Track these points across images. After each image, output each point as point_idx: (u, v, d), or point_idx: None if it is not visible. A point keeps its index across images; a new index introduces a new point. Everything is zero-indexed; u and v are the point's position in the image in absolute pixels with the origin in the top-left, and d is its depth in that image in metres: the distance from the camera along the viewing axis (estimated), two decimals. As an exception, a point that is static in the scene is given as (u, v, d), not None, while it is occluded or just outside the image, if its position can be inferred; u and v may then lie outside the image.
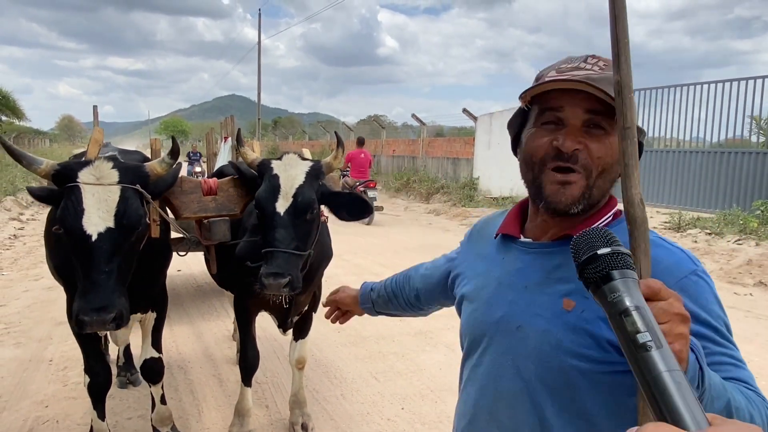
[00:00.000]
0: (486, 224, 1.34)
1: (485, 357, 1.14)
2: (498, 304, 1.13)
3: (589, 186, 1.06)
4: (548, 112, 1.08)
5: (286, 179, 2.40)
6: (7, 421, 3.33)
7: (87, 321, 1.95)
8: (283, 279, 2.25)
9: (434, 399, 3.66)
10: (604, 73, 1.04)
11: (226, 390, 3.80)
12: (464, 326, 1.23)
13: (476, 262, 1.26)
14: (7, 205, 12.41)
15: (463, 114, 15.61)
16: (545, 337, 1.04)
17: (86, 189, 2.05)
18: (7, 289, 6.49)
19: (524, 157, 1.14)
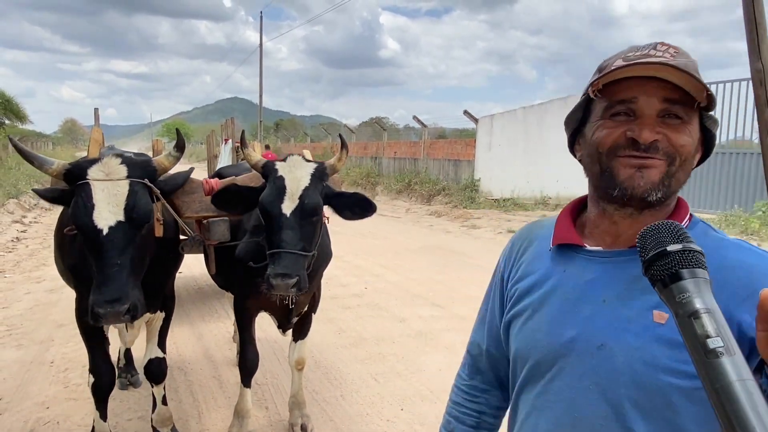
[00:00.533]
0: (528, 235, 1.20)
1: (556, 382, 1.01)
2: (568, 322, 1.00)
3: (669, 174, 0.97)
4: (619, 104, 0.99)
5: (292, 181, 2.41)
6: (9, 422, 3.34)
7: (101, 313, 1.98)
8: (291, 279, 2.27)
9: (433, 400, 3.67)
10: (677, 60, 0.94)
11: (226, 391, 3.81)
12: (520, 350, 1.08)
13: (527, 278, 1.11)
14: (9, 207, 12.45)
15: (465, 116, 15.62)
16: (637, 355, 0.93)
17: (96, 185, 2.10)
18: (9, 291, 6.52)
19: (590, 150, 1.04)
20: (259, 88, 36.45)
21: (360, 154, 22.34)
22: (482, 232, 11.38)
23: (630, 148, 0.97)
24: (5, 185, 14.07)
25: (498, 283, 1.22)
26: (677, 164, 0.97)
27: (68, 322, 5.13)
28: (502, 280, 1.20)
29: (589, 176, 1.06)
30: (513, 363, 1.12)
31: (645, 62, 0.94)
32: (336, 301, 5.97)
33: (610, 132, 1.00)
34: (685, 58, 0.96)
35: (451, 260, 8.41)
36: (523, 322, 1.09)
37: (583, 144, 1.08)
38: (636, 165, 0.97)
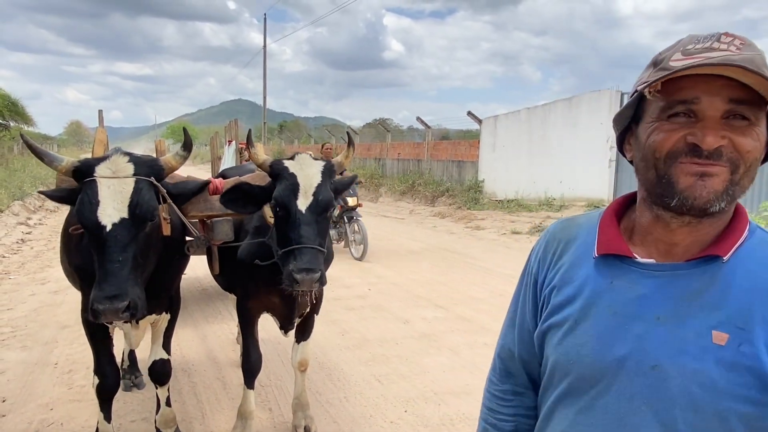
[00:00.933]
0: (564, 236, 1.11)
1: (602, 400, 0.95)
2: (618, 339, 0.94)
3: (732, 182, 0.89)
4: (678, 105, 0.90)
5: (304, 178, 2.43)
6: (13, 423, 3.35)
7: (100, 309, 1.99)
8: (315, 274, 2.29)
9: (437, 402, 3.66)
10: (743, 53, 0.85)
11: (229, 393, 3.81)
12: (561, 362, 1.01)
13: (569, 285, 1.03)
14: (15, 209, 12.50)
15: (468, 117, 15.61)
16: (695, 378, 0.87)
17: (102, 182, 2.11)
18: (14, 292, 6.54)
19: (644, 154, 0.95)
20: (263, 89, 36.52)
21: (363, 156, 22.35)
22: (486, 234, 11.36)
23: (690, 155, 0.89)
24: (10, 187, 14.14)
25: (530, 285, 1.14)
26: (741, 171, 0.90)
27: (72, 323, 5.15)
28: (536, 283, 1.12)
29: (643, 181, 0.98)
30: (550, 372, 1.05)
31: (709, 63, 0.85)
32: (339, 303, 5.97)
33: (669, 136, 0.91)
34: (752, 50, 0.86)
35: (455, 261, 8.40)
36: (564, 334, 1.01)
37: (636, 146, 0.99)
38: (697, 172, 0.89)
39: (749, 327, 0.87)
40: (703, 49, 0.87)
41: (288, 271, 2.30)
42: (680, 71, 0.86)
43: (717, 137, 0.87)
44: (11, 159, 24.29)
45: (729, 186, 0.89)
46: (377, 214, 15.04)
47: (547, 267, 1.10)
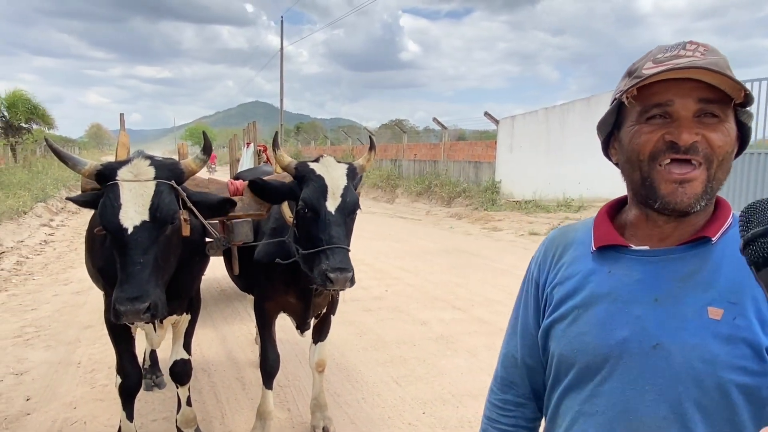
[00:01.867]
0: (562, 240, 1.18)
1: (607, 385, 0.99)
2: (619, 323, 0.99)
3: (710, 179, 0.97)
4: (654, 108, 0.98)
5: (331, 180, 2.48)
6: (37, 422, 3.41)
7: (122, 310, 2.02)
8: (349, 273, 2.34)
9: (455, 404, 3.65)
10: (707, 58, 0.94)
11: (248, 393, 3.84)
12: (565, 354, 1.05)
13: (569, 281, 1.09)
14: (38, 211, 12.74)
15: (485, 117, 15.54)
16: (696, 353, 0.92)
17: (124, 185, 2.15)
18: (37, 293, 6.66)
19: (628, 157, 1.03)
20: (280, 92, 36.75)
21: (380, 157, 22.36)
22: (503, 235, 11.30)
23: (670, 152, 0.97)
24: (33, 189, 14.40)
25: (532, 290, 1.19)
26: (715, 165, 0.97)
27: (95, 323, 5.23)
28: (537, 286, 1.18)
29: (629, 182, 1.06)
30: (555, 368, 1.09)
31: (677, 68, 0.93)
32: (356, 304, 5.98)
33: (649, 137, 0.99)
34: (715, 55, 0.95)
35: (472, 263, 8.36)
36: (567, 326, 1.06)
37: (620, 149, 1.07)
38: (677, 180, 0.97)
39: (741, 301, 0.93)
40: (671, 57, 0.96)
41: (321, 270, 2.34)
42: (652, 77, 0.95)
43: (691, 134, 0.95)
44: (34, 161, 24.76)
45: (707, 184, 0.97)
46: (393, 215, 15.04)
47: (547, 269, 1.16)
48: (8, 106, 26.46)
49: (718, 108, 0.96)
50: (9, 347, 4.74)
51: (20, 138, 27.18)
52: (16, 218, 10.98)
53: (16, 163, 23.58)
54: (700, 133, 0.96)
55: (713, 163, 0.97)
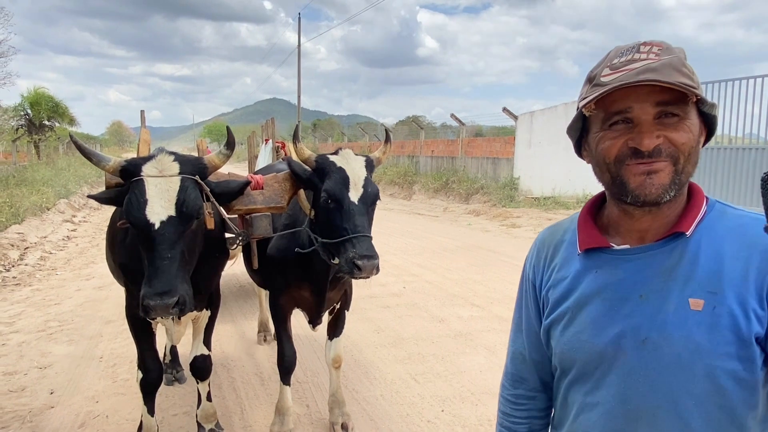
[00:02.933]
0: (551, 241, 1.22)
1: (606, 379, 1.05)
2: (610, 321, 1.05)
3: (677, 171, 1.01)
4: (615, 115, 1.02)
5: (352, 171, 2.53)
6: (61, 414, 3.46)
7: (151, 305, 2.03)
8: (376, 260, 2.39)
9: (474, 402, 3.62)
10: (661, 59, 0.97)
11: (267, 389, 3.85)
12: (566, 352, 1.12)
13: (561, 282, 1.15)
14: (60, 207, 12.95)
15: (504, 113, 15.41)
16: (681, 344, 0.97)
17: (149, 181, 2.16)
18: (60, 288, 6.77)
19: (597, 161, 1.08)
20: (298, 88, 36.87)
21: (397, 153, 22.32)
22: (522, 231, 11.20)
23: (635, 157, 1.01)
24: (56, 186, 14.64)
25: (530, 290, 1.25)
26: (682, 161, 1.01)
27: (116, 318, 5.30)
28: (534, 287, 1.24)
29: (601, 182, 1.11)
30: (559, 364, 1.16)
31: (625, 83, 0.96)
32: (374, 301, 5.97)
33: (613, 143, 1.03)
34: (670, 54, 0.98)
35: (491, 260, 8.31)
36: (563, 327, 1.12)
37: (589, 153, 1.12)
38: (644, 171, 1.00)
39: (720, 290, 0.97)
40: (626, 62, 1.00)
41: (348, 258, 2.38)
42: (606, 92, 0.99)
43: (652, 138, 0.99)
44: (57, 159, 25.19)
45: (675, 176, 1.00)
46: (411, 212, 15.01)
47: (541, 271, 1.22)
48: (31, 105, 26.94)
49: (676, 108, 0.99)
50: (33, 341, 4.82)
51: (43, 135, 27.68)
52: (39, 214, 11.18)
53: (40, 160, 24.02)
54: (661, 134, 0.99)
55: (680, 159, 1.00)
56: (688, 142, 1.00)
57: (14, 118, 26.14)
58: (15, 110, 26.14)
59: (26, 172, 16.95)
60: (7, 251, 8.09)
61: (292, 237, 2.82)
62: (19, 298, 6.30)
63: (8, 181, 14.73)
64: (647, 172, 1.00)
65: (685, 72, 0.97)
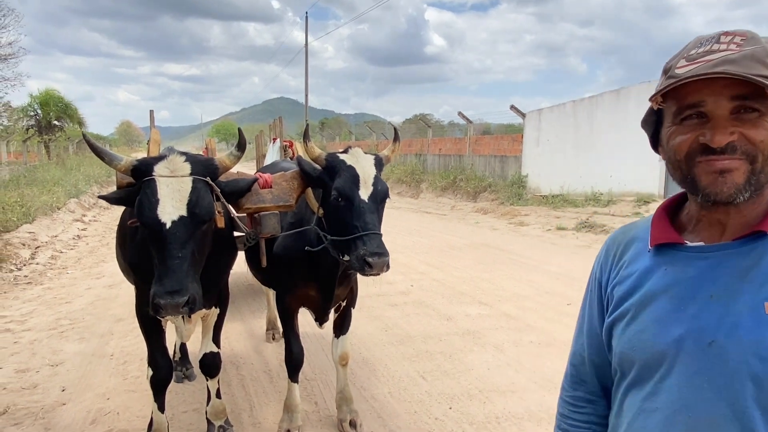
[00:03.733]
0: (623, 238, 1.17)
1: (666, 383, 0.98)
2: (675, 321, 0.98)
3: (754, 171, 0.94)
4: (688, 109, 0.97)
5: (362, 169, 2.56)
6: (72, 411, 3.50)
7: (162, 304, 2.06)
8: (387, 257, 2.41)
9: (482, 400, 3.62)
10: (743, 50, 0.91)
11: (276, 386, 3.88)
12: (626, 352, 1.06)
13: (627, 280, 1.09)
14: (71, 207, 13.06)
15: (512, 111, 15.37)
16: (752, 349, 0.90)
17: (161, 181, 2.19)
18: (71, 286, 6.84)
19: (668, 157, 1.03)
20: (305, 87, 36.93)
21: (404, 152, 22.31)
22: (530, 230, 11.18)
23: (705, 153, 0.95)
24: (66, 185, 14.76)
25: (595, 289, 1.20)
26: (760, 160, 0.93)
27: (126, 316, 5.34)
28: (600, 285, 1.18)
29: (675, 181, 1.06)
30: (619, 365, 1.10)
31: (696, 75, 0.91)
32: (382, 299, 5.98)
33: (684, 139, 0.98)
34: (754, 44, 0.92)
35: (498, 258, 8.30)
36: (626, 324, 1.06)
37: (662, 149, 1.07)
38: (718, 169, 0.94)
39: None
40: (703, 53, 0.94)
41: (359, 255, 2.40)
42: (677, 83, 0.94)
43: (725, 135, 0.92)
44: (66, 158, 25.39)
45: (751, 176, 0.94)
46: (418, 210, 15.01)
47: (609, 268, 1.16)
48: (41, 105, 27.17)
49: (757, 102, 0.92)
50: (45, 339, 4.87)
51: (53, 136, 27.91)
52: (50, 214, 11.28)
53: (50, 160, 24.22)
54: (736, 131, 0.93)
55: (758, 157, 0.93)
56: (766, 140, 0.93)
57: (24, 119, 26.37)
58: (24, 110, 26.38)
59: (37, 172, 17.10)
60: (18, 250, 8.18)
61: (298, 236, 2.84)
62: (31, 296, 6.37)
63: (19, 180, 14.87)
64: (719, 171, 0.94)
65: (755, 75, 0.89)
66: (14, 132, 23.82)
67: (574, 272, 7.21)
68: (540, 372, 4.05)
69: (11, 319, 5.43)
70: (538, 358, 4.31)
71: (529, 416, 3.40)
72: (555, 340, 4.64)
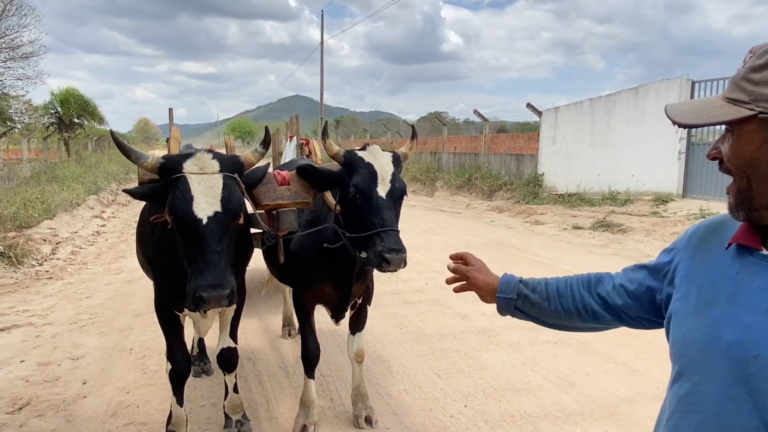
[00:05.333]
0: (711, 229, 1.15)
1: (704, 386, 0.99)
2: (729, 327, 0.97)
3: (740, 191, 0.98)
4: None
5: (380, 166, 2.58)
6: (93, 404, 3.57)
7: (205, 297, 2.11)
8: (404, 254, 2.43)
9: (498, 398, 3.62)
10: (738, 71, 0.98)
11: (292, 381, 3.91)
12: (677, 347, 1.07)
13: (697, 274, 1.09)
14: (90, 203, 13.25)
15: (528, 109, 15.28)
16: None
17: (192, 178, 2.24)
18: (91, 282, 6.94)
19: None
20: (320, 85, 37.03)
21: (419, 150, 22.28)
22: (546, 228, 11.11)
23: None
24: (86, 182, 14.98)
25: (665, 262, 1.23)
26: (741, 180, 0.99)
27: (145, 311, 5.42)
28: (670, 262, 1.20)
29: None
30: (672, 355, 1.11)
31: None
32: (397, 297, 6.00)
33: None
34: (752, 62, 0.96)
35: (514, 257, 8.27)
36: (683, 319, 1.07)
37: None
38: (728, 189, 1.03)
39: None
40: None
41: (377, 251, 2.42)
42: None
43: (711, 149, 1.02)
44: (86, 156, 25.75)
45: (737, 197, 1.00)
46: (433, 209, 14.99)
47: (681, 253, 1.18)
48: (61, 103, 27.59)
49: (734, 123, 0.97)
50: (66, 333, 4.96)
51: (73, 133, 28.34)
52: (70, 210, 11.45)
53: (69, 158, 24.59)
54: (717, 146, 1.01)
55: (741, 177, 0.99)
56: (732, 159, 0.97)
57: (45, 116, 26.81)
58: (45, 108, 26.81)
59: (57, 169, 17.38)
60: (39, 246, 8.32)
61: (316, 233, 2.86)
62: (52, 291, 6.49)
63: (40, 177, 15.13)
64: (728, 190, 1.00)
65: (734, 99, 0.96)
66: (35, 129, 24.22)
67: (591, 272, 7.15)
68: (556, 371, 4.03)
69: (33, 314, 5.54)
70: (554, 357, 4.29)
71: (544, 415, 3.39)
72: (571, 340, 4.61)
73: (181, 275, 2.41)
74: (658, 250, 1.36)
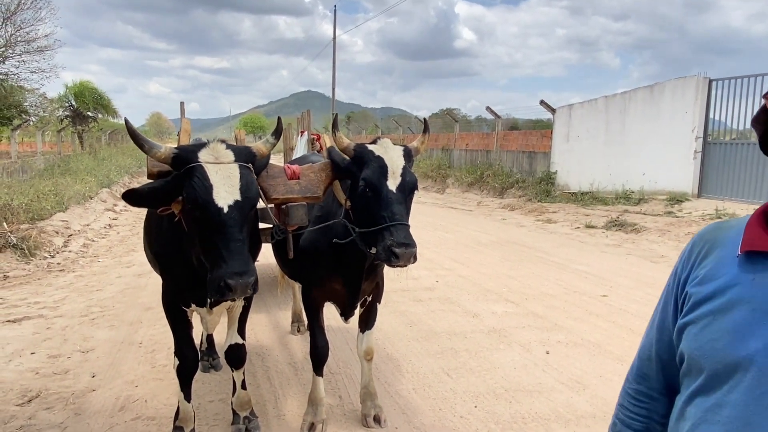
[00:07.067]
0: (711, 238, 1.11)
1: (732, 396, 0.95)
2: (753, 335, 0.93)
3: None
4: None
5: (390, 160, 2.54)
6: (102, 397, 3.57)
7: (232, 285, 2.09)
8: (414, 248, 2.39)
9: (508, 399, 3.57)
10: None
11: (300, 379, 3.89)
12: (694, 357, 1.02)
13: (707, 282, 1.05)
14: (102, 196, 13.34)
15: (541, 106, 15.13)
16: None
17: (209, 167, 2.22)
18: (102, 275, 6.98)
19: None
20: (332, 81, 37.00)
21: (431, 146, 22.18)
22: (558, 227, 11.01)
23: None
24: (99, 175, 15.08)
25: (673, 285, 1.16)
26: None
27: (155, 305, 5.42)
28: (678, 282, 1.13)
29: None
30: (685, 369, 1.06)
31: None
32: (407, 294, 5.95)
33: None
34: None
35: (525, 255, 8.19)
36: (701, 329, 1.02)
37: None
38: None
39: None
40: None
41: (386, 245, 2.38)
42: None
43: None
44: (99, 149, 25.93)
45: None
46: (444, 206, 14.92)
47: (691, 266, 1.11)
48: (76, 96, 27.81)
49: None
50: (76, 326, 4.98)
51: (86, 126, 28.55)
52: (82, 203, 11.53)
53: (83, 151, 24.78)
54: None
55: None
56: None
57: (60, 109, 27.03)
58: (60, 101, 27.03)
59: (70, 162, 17.51)
60: (52, 238, 8.38)
61: (326, 229, 2.83)
62: (63, 283, 6.52)
63: (53, 170, 15.25)
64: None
65: None
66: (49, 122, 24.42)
67: (604, 271, 7.07)
68: (567, 373, 3.97)
69: (44, 306, 5.57)
70: (567, 358, 4.23)
71: (556, 417, 3.34)
72: (583, 341, 4.55)
73: (187, 271, 2.38)
74: (672, 250, 1.30)
